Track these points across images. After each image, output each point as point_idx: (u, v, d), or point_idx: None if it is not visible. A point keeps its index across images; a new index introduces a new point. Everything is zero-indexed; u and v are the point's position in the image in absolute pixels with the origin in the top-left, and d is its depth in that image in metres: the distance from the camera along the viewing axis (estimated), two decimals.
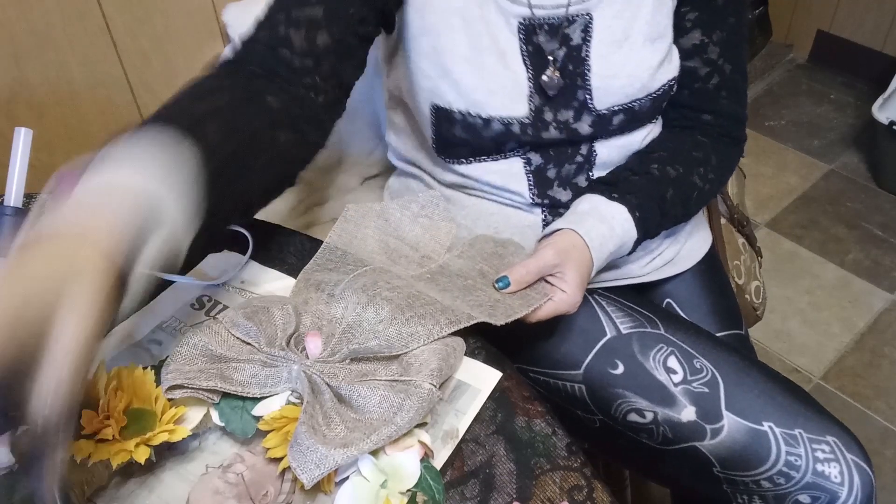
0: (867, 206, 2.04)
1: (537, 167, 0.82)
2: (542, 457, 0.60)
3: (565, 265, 0.73)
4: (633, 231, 0.78)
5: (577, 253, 0.74)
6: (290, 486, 0.57)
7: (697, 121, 0.88)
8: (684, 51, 0.84)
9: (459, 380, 0.65)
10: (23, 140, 0.57)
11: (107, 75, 1.02)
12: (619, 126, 0.82)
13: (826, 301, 1.79)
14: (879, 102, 2.00)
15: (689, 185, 0.83)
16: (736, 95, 0.87)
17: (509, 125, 0.78)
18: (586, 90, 0.79)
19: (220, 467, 0.58)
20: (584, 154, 0.83)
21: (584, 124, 0.80)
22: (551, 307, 0.72)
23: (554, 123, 0.79)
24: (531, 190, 0.83)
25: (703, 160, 0.85)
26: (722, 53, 0.84)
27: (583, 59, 0.78)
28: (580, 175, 0.84)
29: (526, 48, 0.77)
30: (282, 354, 0.61)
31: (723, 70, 0.85)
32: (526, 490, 0.57)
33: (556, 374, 0.80)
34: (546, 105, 0.79)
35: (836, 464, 0.71)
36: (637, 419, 0.77)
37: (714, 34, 0.83)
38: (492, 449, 0.60)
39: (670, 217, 0.82)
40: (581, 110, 0.79)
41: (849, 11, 2.37)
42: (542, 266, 0.73)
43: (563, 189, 0.84)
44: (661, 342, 0.79)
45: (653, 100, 0.81)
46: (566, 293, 0.72)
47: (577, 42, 0.78)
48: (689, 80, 0.85)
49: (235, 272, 0.75)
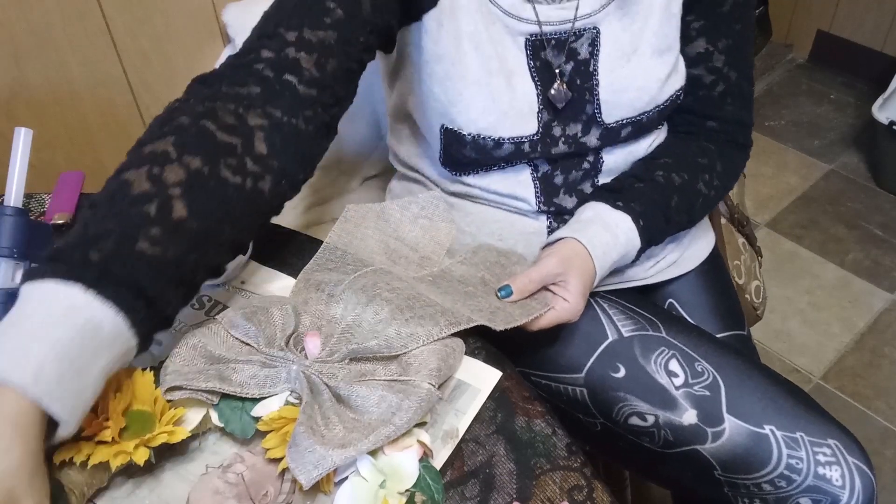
0: (867, 206, 2.04)
1: (544, 174, 0.82)
2: (542, 457, 0.60)
3: (568, 274, 0.73)
4: (637, 240, 0.78)
5: (580, 262, 0.74)
6: (290, 486, 0.57)
7: (702, 127, 0.87)
8: (689, 59, 0.83)
9: (459, 379, 0.65)
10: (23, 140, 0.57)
11: (107, 75, 1.02)
12: (626, 137, 0.82)
13: (826, 301, 1.79)
14: (879, 102, 2.00)
15: (693, 192, 0.83)
16: (742, 101, 0.86)
17: (520, 144, 0.78)
18: (594, 104, 0.78)
19: (219, 467, 0.58)
20: (590, 161, 0.83)
21: (593, 137, 0.80)
22: (553, 316, 0.72)
23: (563, 138, 0.79)
24: (538, 197, 0.83)
25: (708, 167, 0.85)
26: (727, 61, 0.83)
27: (591, 73, 0.78)
28: (586, 182, 0.84)
29: (533, 64, 0.77)
30: (280, 355, 0.61)
31: (728, 77, 0.84)
32: (526, 490, 0.57)
33: (557, 377, 0.80)
34: (555, 120, 0.78)
35: (837, 467, 0.71)
36: (638, 422, 0.77)
37: (720, 42, 0.82)
38: (492, 449, 0.60)
39: (674, 224, 0.82)
40: (590, 124, 0.79)
41: (849, 11, 2.37)
42: (544, 275, 0.73)
43: (568, 196, 0.83)
44: (662, 345, 0.78)
45: (660, 112, 0.81)
46: (568, 302, 0.73)
47: (585, 56, 0.78)
48: (694, 87, 0.85)
49: (235, 272, 0.75)
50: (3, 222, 0.56)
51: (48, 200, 0.84)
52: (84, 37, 0.97)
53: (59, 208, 0.81)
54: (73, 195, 0.83)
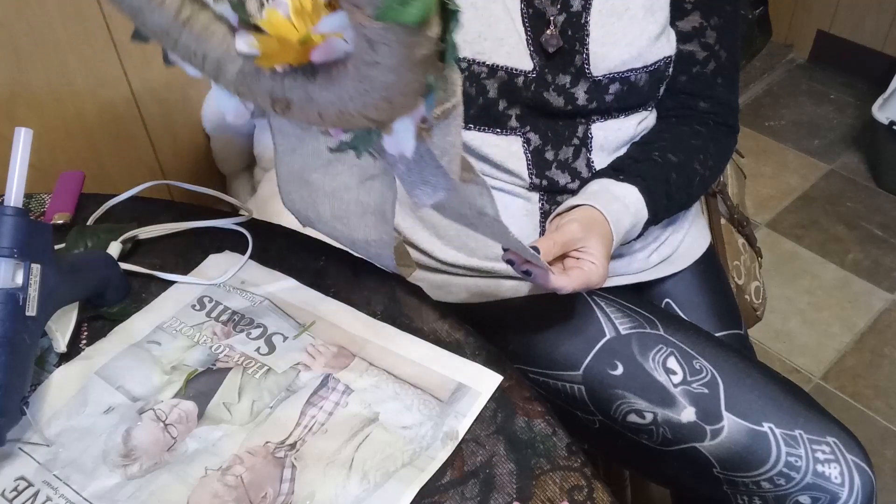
0: (867, 206, 2.04)
1: (536, 148, 0.83)
2: (543, 457, 0.60)
3: (589, 238, 0.72)
4: (644, 210, 0.78)
5: (599, 227, 0.73)
6: (288, 486, 0.57)
7: (695, 108, 0.88)
8: (683, 34, 0.84)
9: (460, 382, 0.65)
10: (23, 140, 0.57)
11: (107, 75, 1.02)
12: (615, 97, 0.82)
13: (826, 301, 1.79)
14: (879, 102, 2.00)
15: (690, 170, 0.84)
16: (730, 84, 0.88)
17: (514, 76, 0.78)
18: (584, 55, 0.79)
19: (218, 470, 0.58)
20: (580, 136, 0.83)
21: (581, 90, 0.80)
22: (583, 277, 0.70)
23: (553, 86, 0.80)
24: (529, 170, 0.83)
25: (702, 147, 0.86)
26: (718, 39, 0.85)
27: (582, 24, 0.79)
28: (578, 159, 0.84)
29: (526, 10, 0.79)
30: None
31: (719, 56, 0.86)
32: (526, 490, 0.57)
33: (555, 374, 0.80)
34: (546, 66, 0.80)
35: (836, 464, 0.71)
36: (637, 420, 0.77)
37: (712, 19, 0.84)
38: (492, 449, 0.60)
39: (675, 202, 0.83)
40: (578, 76, 0.80)
41: (849, 11, 2.37)
42: (567, 240, 0.71)
43: (561, 172, 0.84)
44: (660, 343, 0.79)
45: (649, 73, 0.81)
46: (595, 264, 0.71)
47: (577, 9, 0.79)
48: (688, 64, 0.86)
49: (235, 272, 0.75)
50: (3, 222, 0.56)
51: (48, 200, 0.84)
52: (84, 37, 0.97)
53: (59, 208, 0.81)
54: (73, 195, 0.84)
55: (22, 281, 0.56)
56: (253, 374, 0.66)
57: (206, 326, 0.70)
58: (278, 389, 0.65)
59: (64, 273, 0.62)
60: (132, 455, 0.60)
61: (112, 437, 0.61)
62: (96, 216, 0.81)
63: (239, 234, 0.80)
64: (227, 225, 0.81)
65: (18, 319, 0.56)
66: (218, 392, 0.65)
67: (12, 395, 0.55)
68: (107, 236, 0.77)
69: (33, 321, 0.57)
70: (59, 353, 0.66)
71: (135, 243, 0.79)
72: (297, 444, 0.60)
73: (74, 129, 1.02)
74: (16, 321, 0.55)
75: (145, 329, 0.70)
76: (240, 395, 0.64)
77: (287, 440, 0.61)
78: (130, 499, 0.56)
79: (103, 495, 0.56)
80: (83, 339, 0.69)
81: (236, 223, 0.81)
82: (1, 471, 0.58)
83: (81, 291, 0.67)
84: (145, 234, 0.79)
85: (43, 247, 0.59)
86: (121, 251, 0.76)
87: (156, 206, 0.84)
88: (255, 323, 0.71)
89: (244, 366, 0.67)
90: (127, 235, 0.77)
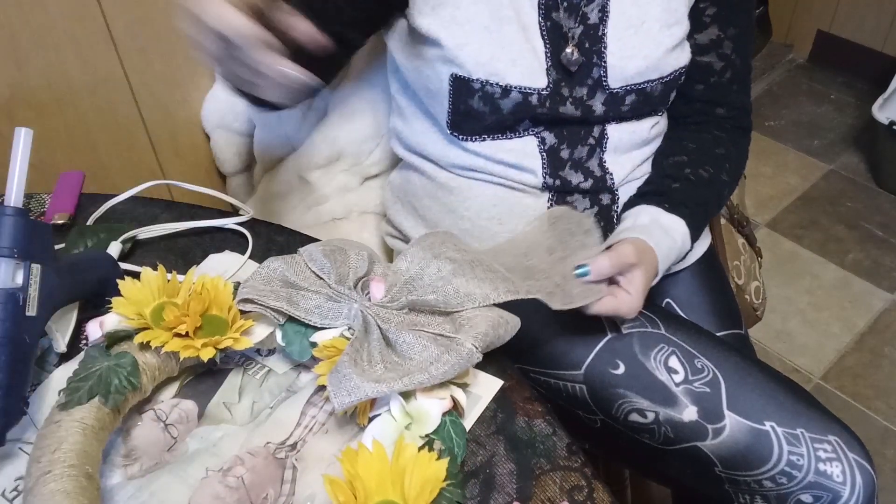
0: (867, 206, 2.04)
1: (551, 147, 0.83)
2: (543, 457, 0.60)
3: (638, 267, 0.73)
4: (689, 243, 0.81)
5: (649, 259, 0.75)
6: (289, 487, 0.57)
7: (712, 115, 0.90)
8: (701, 46, 0.86)
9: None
10: (23, 140, 0.57)
11: (107, 75, 1.02)
12: (630, 107, 0.83)
13: (826, 301, 1.79)
14: (879, 102, 2.00)
15: (720, 183, 0.87)
16: (745, 87, 0.90)
17: (528, 96, 0.79)
18: (602, 67, 0.80)
19: (219, 471, 0.58)
20: (595, 137, 0.84)
21: (598, 102, 0.82)
22: (612, 305, 0.72)
23: (570, 99, 0.81)
24: (544, 169, 0.83)
25: (726, 156, 0.88)
26: (735, 48, 0.86)
27: (600, 37, 0.80)
28: (592, 159, 0.85)
29: (545, 24, 0.79)
30: (347, 293, 0.66)
31: (734, 64, 0.87)
32: (526, 490, 0.57)
33: (556, 374, 0.80)
34: (563, 80, 0.80)
35: (837, 463, 0.71)
36: (638, 419, 0.77)
37: (729, 29, 0.86)
38: (492, 449, 0.60)
39: (709, 218, 0.86)
40: (595, 88, 0.81)
41: (849, 11, 2.37)
42: (623, 262, 0.72)
43: (574, 171, 0.84)
44: (661, 342, 0.79)
45: (664, 84, 0.82)
46: (630, 296, 0.72)
47: (595, 21, 0.80)
48: (705, 74, 0.87)
49: (235, 272, 0.75)
50: (3, 222, 0.56)
51: (48, 200, 0.84)
52: (84, 37, 0.97)
53: (59, 208, 0.81)
54: (73, 195, 0.83)
55: (22, 281, 0.56)
56: (253, 375, 0.66)
57: None
58: (279, 390, 0.65)
59: (64, 273, 0.62)
60: (132, 455, 0.59)
61: (112, 437, 0.60)
62: (96, 216, 0.81)
63: (239, 234, 0.80)
64: (227, 225, 0.81)
65: (18, 319, 0.55)
66: (218, 392, 0.65)
67: (12, 395, 0.55)
68: (107, 236, 0.77)
69: (33, 321, 0.57)
70: (59, 353, 0.66)
71: (135, 243, 0.79)
72: (298, 445, 0.60)
73: (74, 129, 1.02)
74: (16, 321, 0.55)
75: None
76: (240, 396, 0.64)
77: (288, 441, 0.61)
78: (131, 499, 0.56)
79: (103, 495, 0.56)
80: (83, 339, 0.68)
81: (236, 223, 0.81)
82: (1, 471, 0.58)
83: (81, 291, 0.67)
84: (145, 234, 0.79)
85: (43, 247, 0.59)
86: (121, 251, 0.76)
87: (156, 206, 0.84)
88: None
89: (244, 366, 0.67)
90: (127, 235, 0.77)
